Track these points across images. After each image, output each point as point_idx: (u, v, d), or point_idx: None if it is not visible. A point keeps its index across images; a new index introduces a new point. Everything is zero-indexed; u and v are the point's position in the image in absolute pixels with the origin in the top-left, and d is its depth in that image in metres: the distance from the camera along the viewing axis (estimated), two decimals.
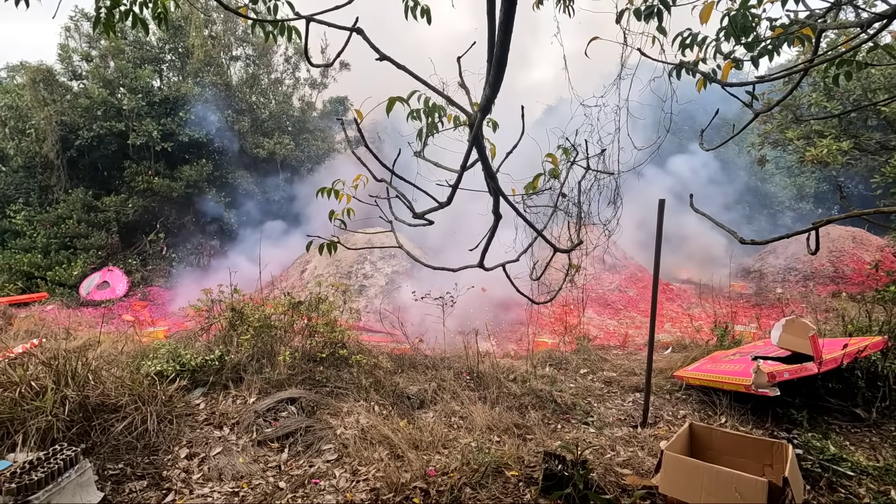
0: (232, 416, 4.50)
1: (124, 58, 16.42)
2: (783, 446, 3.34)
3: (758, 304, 13.54)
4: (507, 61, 1.53)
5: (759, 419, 4.60)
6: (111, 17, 2.91)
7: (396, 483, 3.46)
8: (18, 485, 2.91)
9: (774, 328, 4.99)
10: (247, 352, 5.28)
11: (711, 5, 2.23)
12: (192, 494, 3.47)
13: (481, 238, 2.50)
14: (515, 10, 1.38)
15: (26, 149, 15.65)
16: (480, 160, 1.91)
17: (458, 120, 2.66)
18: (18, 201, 15.78)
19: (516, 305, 11.34)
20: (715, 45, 2.74)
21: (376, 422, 4.35)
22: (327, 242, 2.93)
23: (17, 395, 3.86)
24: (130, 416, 4.11)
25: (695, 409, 5.03)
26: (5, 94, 16.40)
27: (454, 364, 5.88)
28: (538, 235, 2.52)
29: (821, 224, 2.28)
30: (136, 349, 5.63)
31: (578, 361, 6.54)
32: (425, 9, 2.75)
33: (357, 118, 2.10)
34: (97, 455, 3.76)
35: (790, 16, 2.51)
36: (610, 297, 13.93)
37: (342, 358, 5.43)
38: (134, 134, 15.33)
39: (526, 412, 4.82)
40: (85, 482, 3.28)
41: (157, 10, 3.02)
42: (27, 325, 8.63)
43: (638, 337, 9.75)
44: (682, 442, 3.59)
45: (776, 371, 4.36)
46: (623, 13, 2.51)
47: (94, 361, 4.59)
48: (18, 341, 6.66)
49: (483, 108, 1.71)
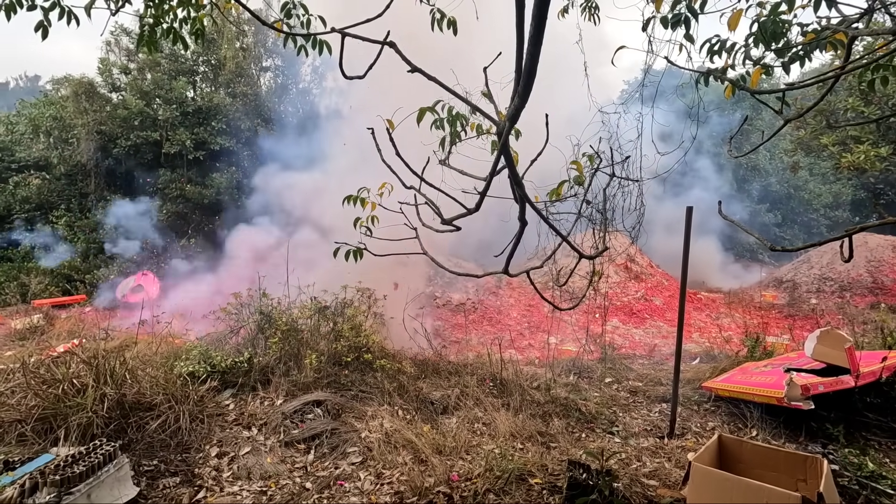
0: (260, 417, 4.61)
1: (160, 70, 17.12)
2: (818, 461, 3.24)
3: (790, 314, 13.11)
4: (536, 73, 1.57)
5: (792, 433, 4.46)
6: (153, 35, 3.07)
7: (420, 487, 3.49)
8: (62, 477, 3.05)
9: (808, 339, 4.84)
10: (274, 354, 5.41)
11: (740, 13, 2.22)
12: (223, 492, 3.57)
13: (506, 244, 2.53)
14: (545, 25, 1.42)
15: (68, 158, 16.43)
16: (508, 168, 1.95)
17: (480, 128, 2.70)
18: (60, 207, 16.55)
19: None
20: (744, 51, 2.72)
21: (400, 426, 4.40)
22: (353, 249, 3.00)
23: (60, 392, 4.05)
24: (164, 414, 4.26)
25: (724, 420, 4.91)
26: (50, 105, 17.26)
27: (477, 370, 5.89)
28: (563, 240, 2.53)
29: (854, 231, 2.23)
30: (169, 350, 5.82)
31: (603, 370, 6.46)
32: (452, 20, 2.81)
33: (389, 128, 2.16)
34: (133, 451, 3.91)
35: (822, 21, 2.48)
36: (635, 305, 13.70)
37: (367, 362, 5.50)
38: (168, 143, 15.94)
39: (549, 420, 4.79)
40: (122, 477, 3.41)
41: (195, 27, 3.17)
42: (68, 325, 9.02)
43: (664, 347, 9.57)
44: (711, 454, 3.52)
45: (810, 383, 4.22)
46: (649, 21, 2.52)
47: (130, 361, 4.77)
48: (60, 341, 6.98)
49: (511, 117, 1.75)
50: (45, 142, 17.04)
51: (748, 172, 22.60)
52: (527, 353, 9.38)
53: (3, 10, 2.58)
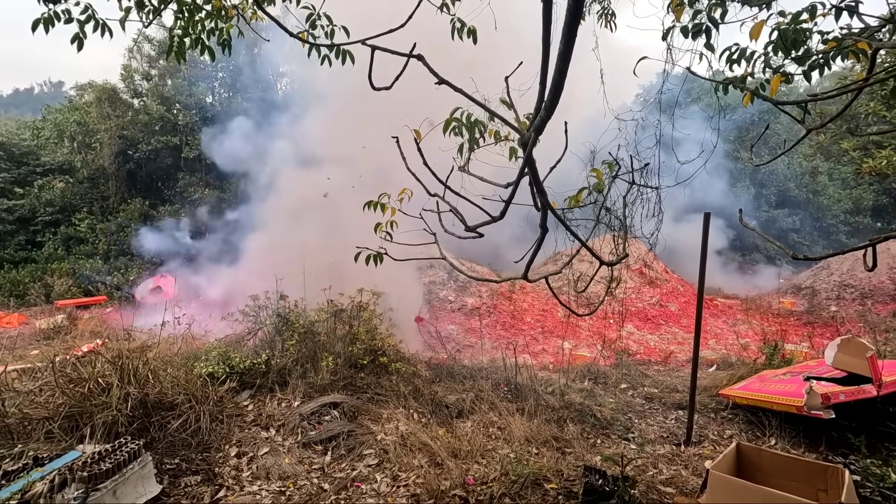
0: (278, 418, 4.69)
1: (181, 76, 17.49)
2: (839, 471, 3.20)
3: (809, 322, 12.87)
4: (563, 86, 1.60)
5: (811, 442, 4.40)
6: (182, 46, 3.17)
7: (436, 490, 3.52)
8: (89, 473, 3.15)
9: (829, 348, 4.77)
10: (291, 356, 5.49)
11: (762, 23, 2.22)
12: (243, 491, 3.64)
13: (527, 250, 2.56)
14: (575, 42, 1.46)
15: (91, 162, 16.84)
16: (531, 176, 1.98)
17: (498, 135, 2.74)
18: (83, 210, 16.96)
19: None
20: (763, 59, 2.72)
21: (415, 429, 4.43)
22: (374, 254, 3.05)
23: (87, 391, 4.16)
24: (185, 414, 4.35)
25: (742, 429, 4.86)
26: (74, 111, 17.73)
27: (491, 375, 5.90)
28: (582, 245, 2.55)
29: (879, 240, 2.22)
30: (189, 350, 5.94)
31: (618, 376, 6.43)
32: (472, 29, 2.86)
33: (416, 137, 2.22)
34: (155, 450, 4.00)
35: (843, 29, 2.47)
36: (650, 311, 13.57)
37: (382, 365, 5.56)
38: (188, 147, 16.25)
39: (564, 425, 4.79)
40: (146, 474, 3.50)
41: (222, 37, 3.27)
42: (90, 325, 9.23)
43: (680, 353, 9.47)
44: (729, 462, 3.49)
45: (831, 392, 4.17)
46: (670, 31, 2.53)
47: (152, 361, 4.88)
48: (84, 341, 7.16)
49: (537, 128, 1.79)
50: (69, 146, 17.50)
51: (764, 176, 22.26)
52: (540, 357, 9.36)
53: (42, 24, 2.68)
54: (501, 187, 2.41)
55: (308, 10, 2.92)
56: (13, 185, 17.43)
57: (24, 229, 16.83)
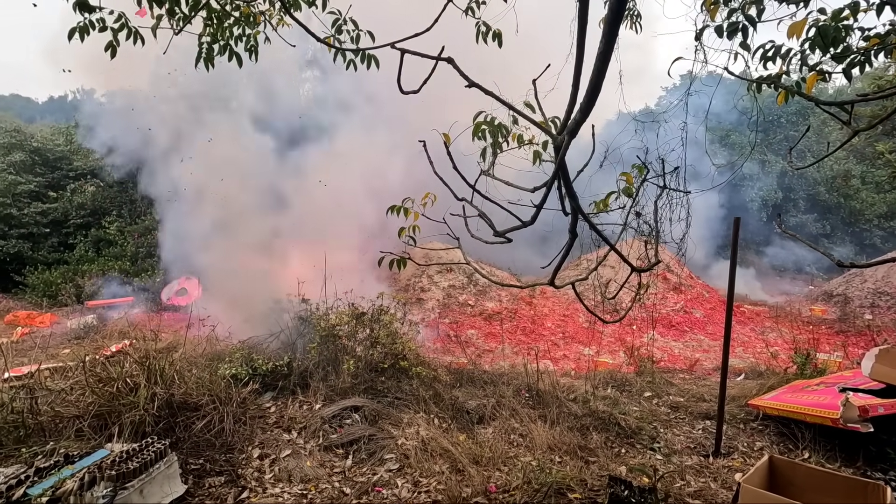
0: (300, 420, 4.71)
1: None
2: (880, 488, 3.05)
3: (842, 330, 12.41)
4: (601, 88, 1.57)
5: (848, 457, 4.22)
6: (211, 52, 3.23)
7: (457, 497, 3.48)
8: (118, 472, 3.20)
9: (866, 358, 4.58)
10: (313, 359, 5.52)
11: (804, 21, 2.14)
12: (265, 493, 3.66)
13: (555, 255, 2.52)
14: (615, 42, 1.42)
15: (121, 165, 17.32)
16: (563, 180, 1.94)
17: (521, 139, 2.70)
18: (112, 213, 17.44)
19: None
20: (800, 56, 2.63)
21: (436, 434, 4.40)
22: (397, 258, 3.04)
23: (115, 390, 4.25)
24: (209, 415, 4.41)
25: (773, 441, 4.69)
26: None
27: (512, 380, 5.84)
28: (611, 250, 2.50)
29: None
30: (213, 352, 6.03)
31: (642, 384, 6.28)
32: (497, 33, 2.84)
33: (446, 141, 2.20)
34: (180, 450, 4.05)
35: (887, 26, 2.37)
36: (674, 318, 13.28)
37: (403, 369, 5.55)
38: None
39: (588, 434, 4.69)
40: (172, 474, 3.55)
41: (249, 43, 3.31)
42: (118, 326, 9.47)
43: (706, 361, 9.23)
44: (761, 475, 3.37)
45: (869, 405, 3.99)
46: (704, 30, 2.47)
47: (178, 362, 4.97)
48: (112, 341, 7.34)
49: (571, 131, 1.75)
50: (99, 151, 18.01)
51: (793, 180, 21.64)
52: (561, 364, 9.23)
53: (77, 32, 2.76)
54: (528, 191, 2.37)
55: (334, 14, 2.94)
56: (47, 189, 18.03)
57: (56, 232, 17.37)
